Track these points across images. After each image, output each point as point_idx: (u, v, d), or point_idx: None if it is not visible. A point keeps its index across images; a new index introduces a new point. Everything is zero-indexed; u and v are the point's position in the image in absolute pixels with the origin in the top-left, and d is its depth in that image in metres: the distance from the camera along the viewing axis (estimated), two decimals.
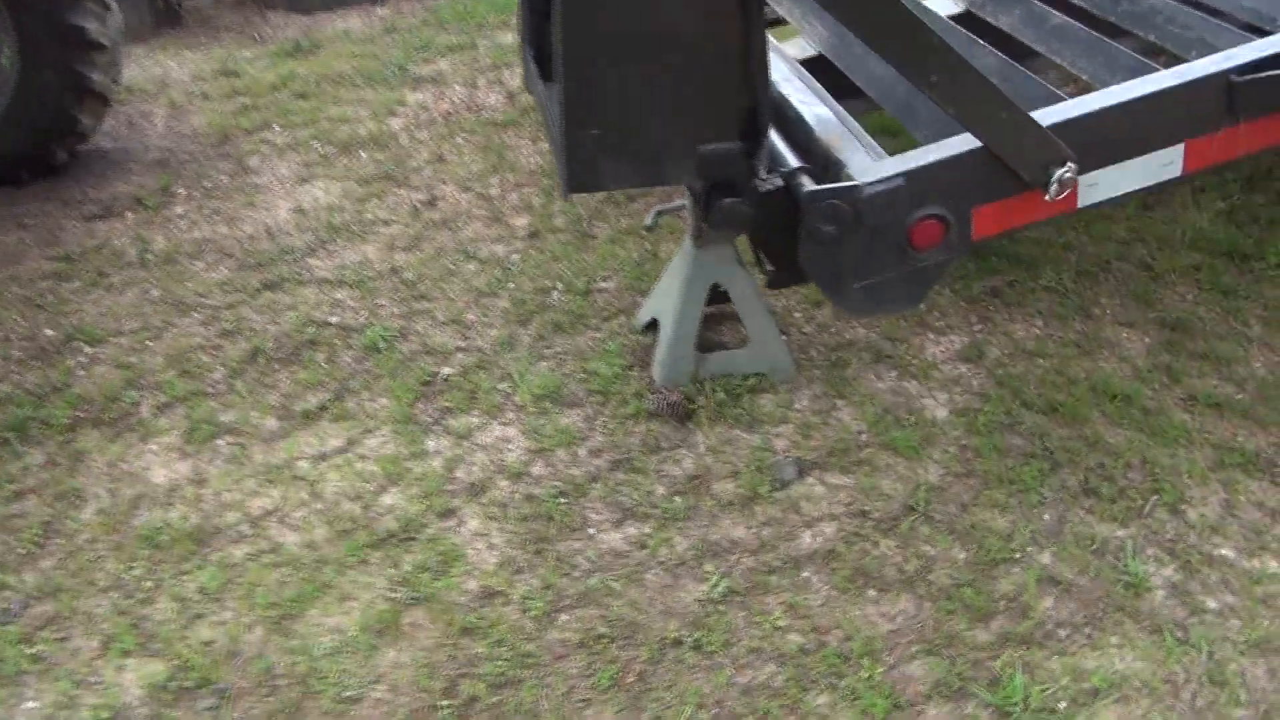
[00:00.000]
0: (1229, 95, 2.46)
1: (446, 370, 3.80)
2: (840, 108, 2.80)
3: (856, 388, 3.56)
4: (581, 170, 2.48)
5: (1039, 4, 3.07)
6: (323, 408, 3.67)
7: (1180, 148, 2.50)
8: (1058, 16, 3.00)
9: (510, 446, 3.45)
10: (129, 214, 5.00)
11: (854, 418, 3.45)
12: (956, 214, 2.44)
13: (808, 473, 3.25)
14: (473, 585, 2.95)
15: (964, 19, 3.33)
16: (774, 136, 2.69)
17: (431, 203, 4.91)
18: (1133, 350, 3.66)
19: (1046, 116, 2.42)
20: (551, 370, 3.75)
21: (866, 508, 3.11)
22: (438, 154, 5.38)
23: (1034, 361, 3.64)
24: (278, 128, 5.80)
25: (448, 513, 3.21)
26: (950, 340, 3.77)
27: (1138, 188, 2.53)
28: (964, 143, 2.39)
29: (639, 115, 2.40)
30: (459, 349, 3.91)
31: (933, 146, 2.46)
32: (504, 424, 3.54)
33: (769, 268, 2.78)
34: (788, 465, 3.25)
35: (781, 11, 3.67)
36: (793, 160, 2.60)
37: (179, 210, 5.02)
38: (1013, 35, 3.14)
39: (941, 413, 3.44)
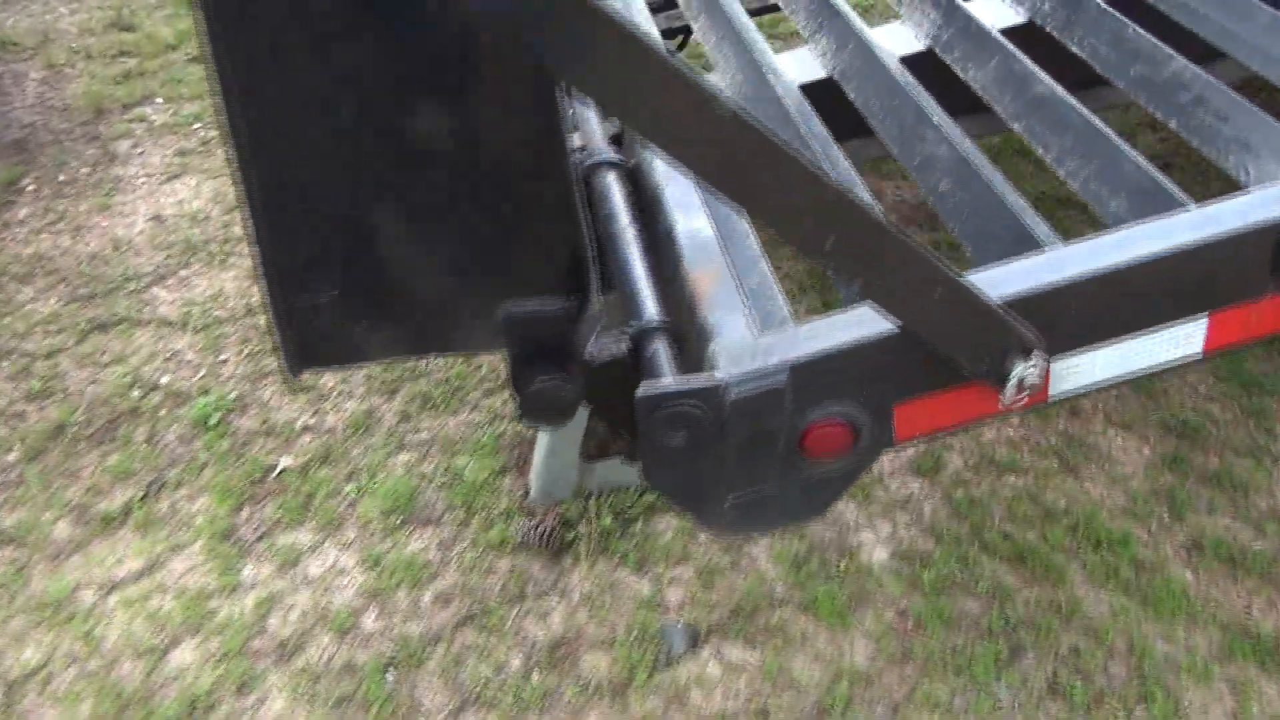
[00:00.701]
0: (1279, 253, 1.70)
1: (285, 461, 3.11)
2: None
3: None
4: (312, 341, 1.53)
5: (1021, 61, 2.25)
6: (128, 510, 2.99)
7: (1203, 322, 1.75)
8: (1043, 83, 2.15)
9: (342, 582, 2.77)
10: None
11: (771, 559, 2.75)
12: (871, 412, 1.71)
13: (703, 642, 2.58)
14: None
15: (923, 60, 2.53)
16: (634, 260, 1.92)
17: None
18: (1128, 465, 2.94)
19: (1006, 282, 1.64)
20: (409, 468, 3.05)
21: (770, 704, 2.44)
22: None
23: (1003, 479, 2.92)
24: (160, 101, 5.01)
25: (246, 684, 2.55)
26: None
27: (1135, 371, 1.79)
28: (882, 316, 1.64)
29: (400, 258, 1.48)
30: (306, 429, 3.21)
31: (838, 317, 1.70)
32: (340, 546, 2.86)
33: (623, 438, 2.04)
34: (677, 634, 2.57)
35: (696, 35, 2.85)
36: (649, 305, 1.81)
37: (21, 214, 4.27)
38: (982, 98, 2.33)
39: (881, 555, 2.75)
